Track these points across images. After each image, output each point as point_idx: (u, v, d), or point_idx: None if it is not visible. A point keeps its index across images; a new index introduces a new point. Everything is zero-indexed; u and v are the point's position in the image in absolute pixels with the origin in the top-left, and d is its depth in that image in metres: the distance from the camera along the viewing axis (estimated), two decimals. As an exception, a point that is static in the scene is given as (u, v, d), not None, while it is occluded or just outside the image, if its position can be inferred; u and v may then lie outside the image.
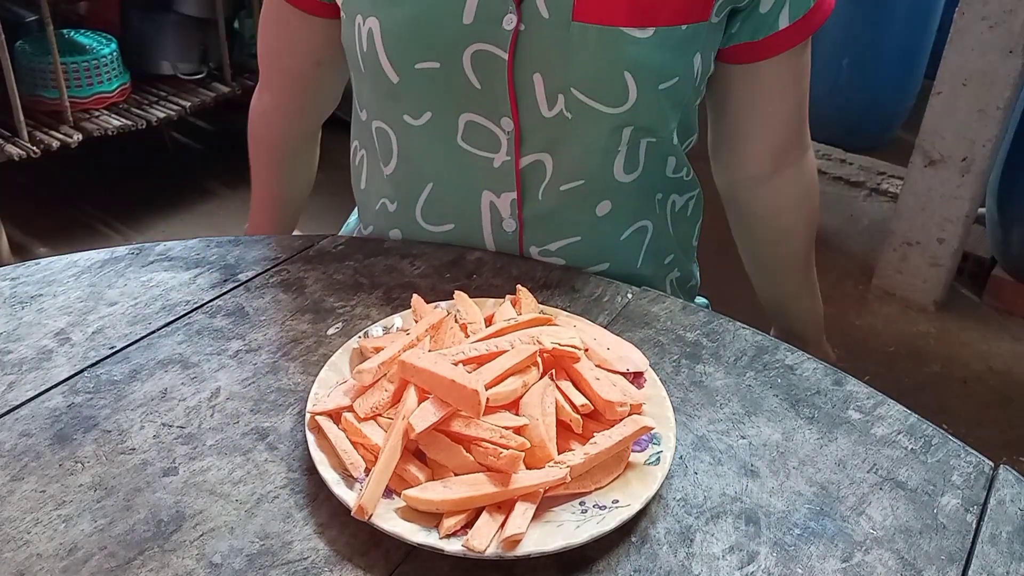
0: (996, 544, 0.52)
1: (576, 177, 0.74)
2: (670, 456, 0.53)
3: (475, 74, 0.69)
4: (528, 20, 0.67)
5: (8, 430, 0.55)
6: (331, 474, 0.50)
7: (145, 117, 2.11)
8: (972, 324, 2.06)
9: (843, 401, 0.63)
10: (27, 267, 0.71)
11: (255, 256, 0.75)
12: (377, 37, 0.69)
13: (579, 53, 0.67)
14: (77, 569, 0.46)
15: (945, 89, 1.90)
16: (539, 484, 0.49)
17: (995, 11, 1.79)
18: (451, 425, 0.51)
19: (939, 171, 1.98)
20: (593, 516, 0.49)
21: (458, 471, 0.50)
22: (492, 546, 0.47)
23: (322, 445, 0.52)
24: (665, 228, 0.83)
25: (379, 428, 0.53)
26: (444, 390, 0.51)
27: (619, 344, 0.61)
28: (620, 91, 0.68)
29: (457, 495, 0.49)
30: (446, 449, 0.50)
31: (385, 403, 0.54)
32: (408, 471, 0.50)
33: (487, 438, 0.50)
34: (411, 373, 0.52)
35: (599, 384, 0.54)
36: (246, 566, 0.47)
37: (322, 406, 0.54)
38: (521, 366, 0.54)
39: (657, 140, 0.75)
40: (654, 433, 0.55)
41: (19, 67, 1.97)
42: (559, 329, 0.59)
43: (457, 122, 0.72)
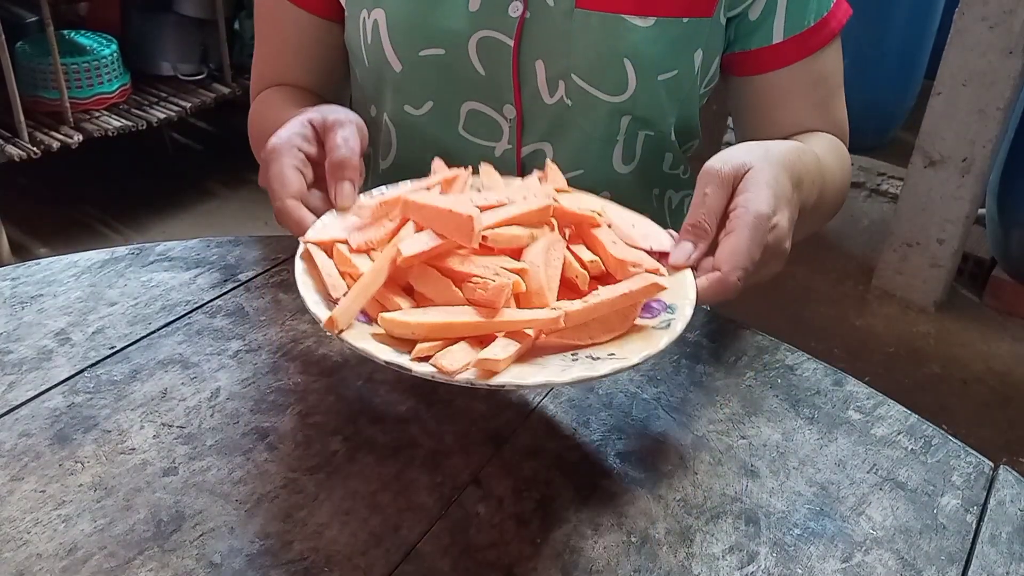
0: (996, 544, 0.52)
1: (576, 166, 0.74)
2: (681, 326, 0.47)
3: (480, 61, 0.70)
4: (534, 7, 0.68)
5: (8, 430, 0.55)
6: (312, 295, 0.47)
7: (145, 118, 2.11)
8: (972, 325, 2.06)
9: (843, 401, 0.63)
10: (27, 267, 0.71)
11: (255, 256, 0.75)
12: (383, 27, 0.70)
13: (581, 39, 0.68)
14: (77, 569, 0.46)
15: (945, 90, 1.90)
16: (527, 322, 0.45)
17: (995, 11, 1.79)
18: (445, 261, 0.47)
19: (939, 172, 1.98)
20: (583, 363, 0.45)
21: (444, 303, 0.46)
22: (466, 372, 0.43)
23: (311, 273, 0.49)
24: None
25: (371, 261, 0.49)
26: (441, 221, 0.47)
27: (645, 223, 0.56)
28: (619, 79, 0.69)
29: (435, 319, 0.44)
30: (435, 282, 0.46)
31: (381, 239, 0.50)
32: (391, 299, 0.47)
33: (479, 274, 0.46)
34: (411, 210, 0.49)
35: (615, 247, 0.50)
36: (246, 566, 0.47)
37: (317, 236, 0.51)
38: (532, 217, 0.50)
39: (655, 134, 0.75)
40: (669, 303, 0.49)
41: (19, 68, 1.97)
42: (584, 196, 0.56)
43: (459, 111, 0.73)
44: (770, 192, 0.53)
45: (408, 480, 0.53)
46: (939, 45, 1.98)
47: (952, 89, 1.89)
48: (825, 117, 0.77)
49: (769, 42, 0.73)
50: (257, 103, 0.82)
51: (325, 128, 0.57)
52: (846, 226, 2.40)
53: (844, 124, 0.79)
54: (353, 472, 0.53)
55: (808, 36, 0.73)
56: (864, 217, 2.46)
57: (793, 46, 0.73)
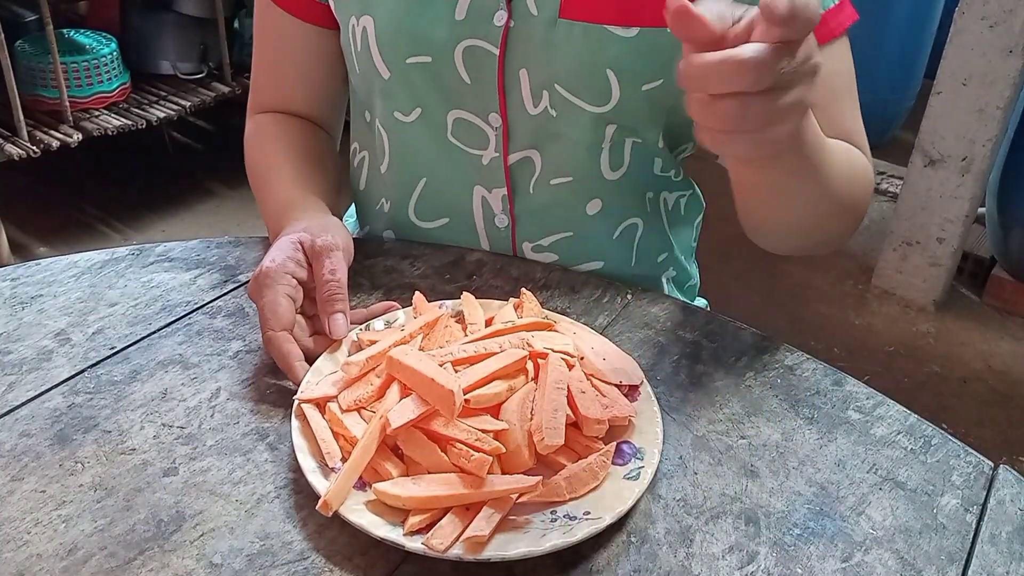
0: (996, 544, 0.53)
1: (564, 173, 0.74)
2: (650, 473, 0.52)
3: (466, 70, 0.70)
4: (518, 16, 0.68)
5: (8, 430, 0.55)
6: (309, 461, 0.51)
7: (145, 117, 2.11)
8: (972, 324, 2.06)
9: (843, 401, 0.63)
10: (27, 267, 0.71)
11: (255, 257, 0.75)
12: (371, 34, 0.70)
13: (564, 50, 0.68)
14: (77, 569, 0.46)
15: (945, 89, 1.90)
16: (509, 490, 0.49)
17: (995, 11, 1.79)
18: (430, 424, 0.51)
19: (939, 171, 1.98)
20: (561, 526, 0.49)
21: (432, 470, 0.50)
22: (454, 547, 0.47)
23: (305, 433, 0.53)
24: (658, 226, 0.83)
25: (361, 420, 0.53)
26: (424, 388, 0.51)
27: (617, 356, 0.60)
28: (603, 89, 0.69)
29: (424, 493, 0.49)
30: (422, 447, 0.50)
31: (369, 397, 0.54)
32: (383, 465, 0.51)
33: (462, 439, 0.50)
34: (396, 369, 0.53)
35: (583, 398, 0.54)
36: (246, 566, 0.47)
37: (309, 394, 0.55)
38: (509, 370, 0.54)
39: (642, 141, 0.75)
40: (639, 447, 0.54)
41: (19, 67, 1.97)
42: (555, 335, 0.59)
43: (446, 119, 0.73)
44: None
45: (408, 480, 0.53)
46: (939, 44, 1.98)
47: (952, 88, 1.89)
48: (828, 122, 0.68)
49: None
50: (255, 136, 0.81)
51: (313, 253, 0.61)
52: (846, 225, 2.40)
53: (855, 134, 0.71)
54: (353, 472, 0.53)
55: None
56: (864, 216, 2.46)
57: None
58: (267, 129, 0.80)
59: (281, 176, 0.75)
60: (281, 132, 0.79)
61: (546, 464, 0.53)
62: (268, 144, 0.79)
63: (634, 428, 0.55)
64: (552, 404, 0.52)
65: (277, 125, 0.80)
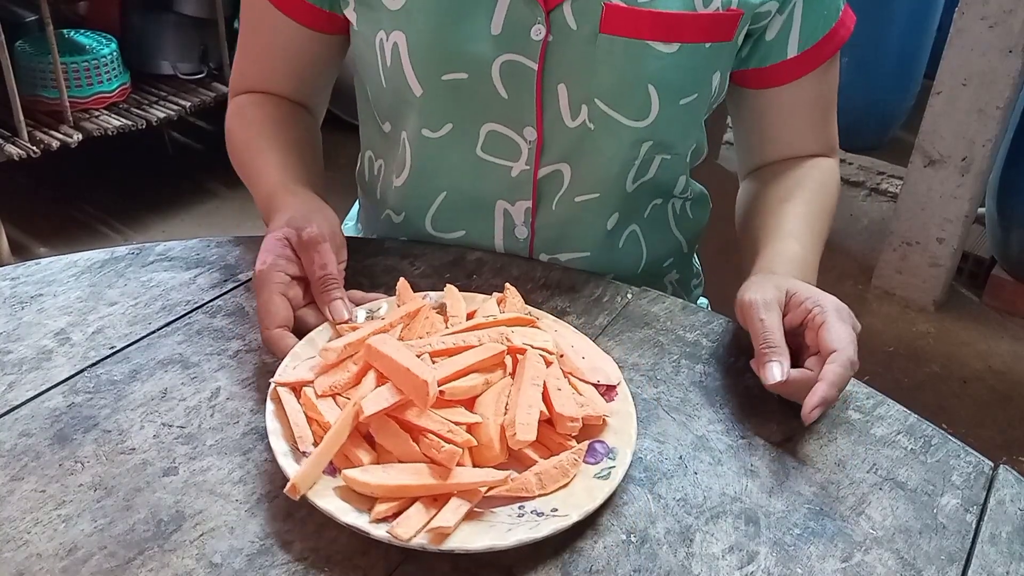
0: (996, 544, 0.53)
1: (592, 190, 0.74)
2: (620, 473, 0.52)
3: (503, 84, 0.69)
4: (556, 31, 0.67)
5: (8, 430, 0.55)
6: (281, 444, 0.51)
7: (145, 117, 2.11)
8: (972, 324, 2.06)
9: (842, 401, 0.63)
10: (27, 267, 0.71)
11: (255, 256, 0.74)
12: (403, 51, 0.69)
13: (604, 64, 0.67)
14: (77, 569, 0.46)
15: (945, 89, 1.90)
16: (478, 483, 0.49)
17: (995, 11, 1.79)
18: (403, 413, 0.51)
19: (939, 171, 1.98)
20: (528, 521, 0.49)
21: (403, 459, 0.50)
22: (419, 537, 0.47)
23: (279, 416, 0.53)
24: (665, 232, 0.83)
25: (336, 407, 0.53)
26: (400, 377, 0.51)
27: (597, 354, 0.60)
28: (643, 104, 0.69)
29: (393, 481, 0.49)
30: (394, 436, 0.51)
31: (345, 383, 0.54)
32: (354, 452, 0.51)
33: (434, 430, 0.50)
34: (373, 357, 0.53)
35: (559, 395, 0.54)
36: (246, 566, 0.47)
37: (286, 378, 0.55)
38: (486, 364, 0.54)
39: (671, 157, 0.75)
40: (612, 447, 0.54)
41: (19, 67, 1.97)
42: (535, 332, 0.59)
43: (479, 132, 0.72)
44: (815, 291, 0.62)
45: (408, 480, 0.53)
46: (939, 44, 1.98)
47: (952, 88, 1.89)
48: (819, 136, 0.80)
49: (784, 56, 0.74)
50: (236, 115, 0.79)
51: (301, 248, 0.62)
52: (846, 225, 2.40)
53: (835, 139, 0.82)
54: (353, 472, 0.53)
55: (818, 48, 0.74)
56: (864, 216, 2.46)
57: (805, 59, 0.74)
58: (250, 112, 0.78)
59: (266, 161, 0.73)
60: (265, 116, 0.77)
61: (517, 459, 0.53)
62: (252, 128, 0.77)
63: (609, 428, 0.55)
64: (527, 400, 0.53)
65: (261, 108, 0.78)
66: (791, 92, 0.76)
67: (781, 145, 0.80)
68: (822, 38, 0.73)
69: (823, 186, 0.78)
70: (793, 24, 0.72)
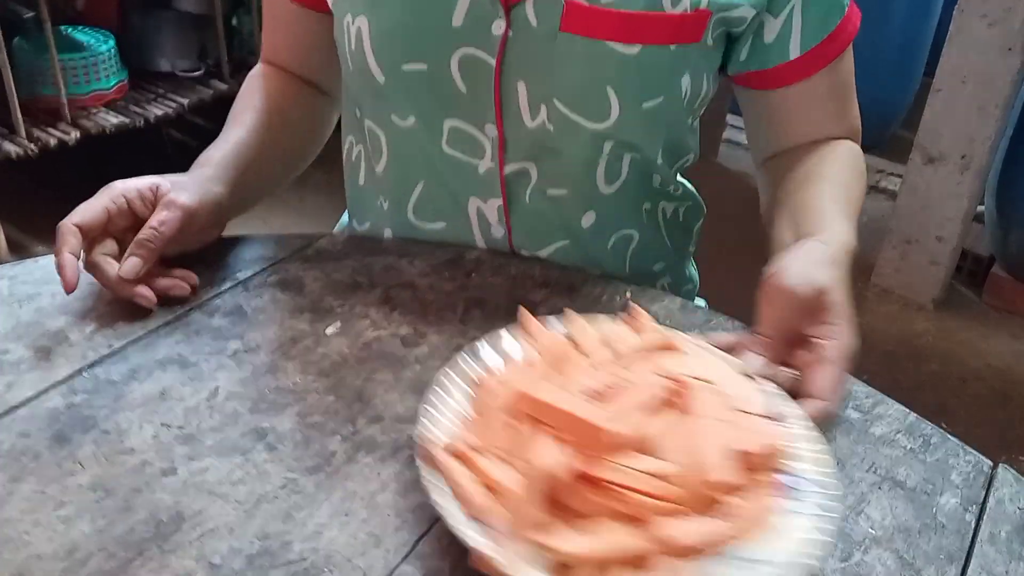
0: (995, 543, 0.53)
1: (560, 185, 0.74)
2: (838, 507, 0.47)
3: (462, 78, 0.69)
4: (517, 27, 0.66)
5: (7, 430, 0.55)
6: (456, 513, 0.46)
7: (143, 115, 2.11)
8: (971, 322, 2.06)
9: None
10: (25, 266, 0.71)
11: (253, 255, 0.75)
12: (365, 37, 0.69)
13: (564, 64, 0.67)
14: (76, 570, 0.46)
15: (944, 87, 1.90)
16: (699, 541, 0.44)
17: (994, 9, 1.79)
18: (588, 468, 0.46)
19: (938, 169, 1.98)
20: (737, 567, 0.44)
21: (594, 517, 0.46)
22: None
23: (438, 478, 0.48)
24: (656, 236, 0.82)
25: (502, 464, 0.48)
26: (569, 424, 0.47)
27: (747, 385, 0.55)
28: (602, 106, 0.68)
29: (603, 546, 0.44)
30: (581, 494, 0.46)
31: (508, 439, 0.49)
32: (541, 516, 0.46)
33: (630, 484, 0.45)
34: (535, 408, 0.49)
35: (737, 429, 0.49)
36: (246, 566, 0.47)
37: (437, 436, 0.50)
38: (654, 403, 0.50)
39: (640, 157, 0.74)
40: (801, 475, 0.49)
41: (17, 65, 1.97)
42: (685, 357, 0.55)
43: (442, 127, 0.72)
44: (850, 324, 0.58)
45: (408, 480, 0.53)
46: (938, 42, 1.98)
47: (951, 86, 1.89)
48: (841, 123, 0.77)
49: (787, 58, 0.72)
50: (247, 81, 0.83)
51: (157, 198, 0.66)
52: (845, 223, 2.40)
53: (858, 122, 0.79)
54: (352, 472, 0.53)
55: (824, 48, 0.72)
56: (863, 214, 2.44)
57: (811, 59, 0.72)
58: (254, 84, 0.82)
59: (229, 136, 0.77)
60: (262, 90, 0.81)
61: (705, 503, 0.47)
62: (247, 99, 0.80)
63: (789, 455, 0.50)
64: (714, 437, 0.48)
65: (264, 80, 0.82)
66: (801, 90, 0.74)
67: (799, 136, 0.78)
68: (827, 37, 0.72)
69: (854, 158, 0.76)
70: (793, 26, 0.71)
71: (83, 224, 0.63)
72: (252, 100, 0.80)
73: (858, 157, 0.77)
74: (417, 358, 0.63)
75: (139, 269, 0.63)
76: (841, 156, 0.75)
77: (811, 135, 0.77)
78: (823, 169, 0.73)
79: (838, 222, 0.67)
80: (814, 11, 0.71)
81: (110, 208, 0.64)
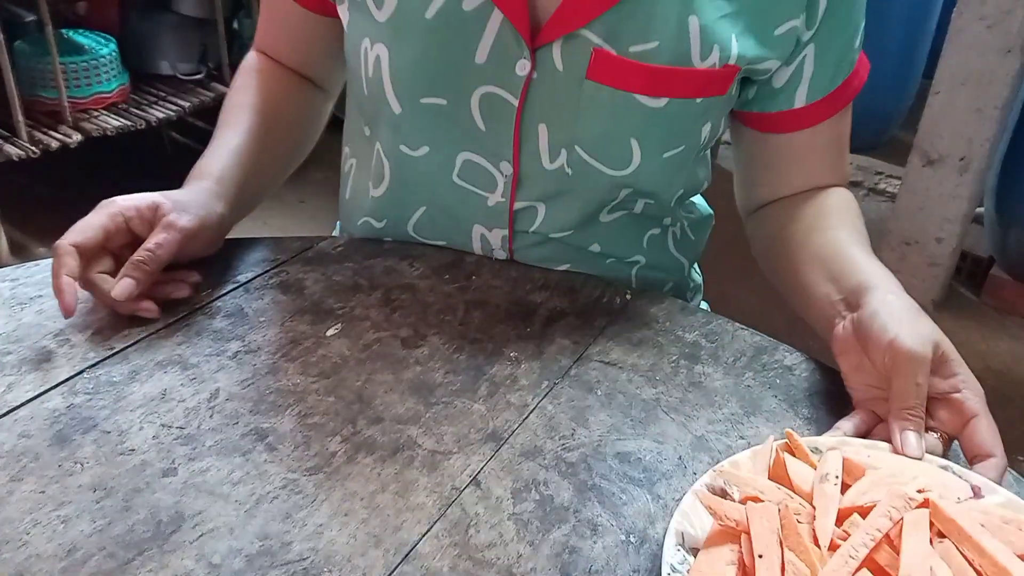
0: (994, 544, 0.52)
1: (565, 228, 0.74)
2: None
3: (481, 116, 0.68)
4: (542, 69, 0.65)
5: (7, 431, 0.55)
6: None
7: (144, 117, 2.11)
8: (970, 323, 2.06)
9: (842, 401, 0.63)
10: (26, 268, 0.71)
11: (254, 257, 0.75)
12: (384, 67, 0.68)
13: (588, 112, 0.66)
14: (76, 570, 0.46)
15: (943, 89, 1.91)
16: None
17: (993, 11, 1.79)
18: None
19: (937, 171, 1.98)
20: None
21: None
22: None
23: None
24: (663, 255, 0.82)
25: None
26: None
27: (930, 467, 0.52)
28: (624, 155, 0.67)
29: None
30: None
31: None
32: None
33: None
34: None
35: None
36: (246, 566, 0.47)
37: None
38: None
39: (655, 202, 0.74)
40: None
41: (18, 67, 1.97)
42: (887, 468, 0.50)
43: (455, 159, 0.71)
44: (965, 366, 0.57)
45: (407, 480, 0.53)
46: (937, 44, 1.98)
47: (950, 88, 1.89)
48: (836, 173, 0.77)
49: (791, 106, 0.71)
50: (240, 74, 0.81)
51: (157, 218, 0.64)
52: (845, 225, 2.40)
53: (849, 172, 0.79)
54: (352, 473, 0.53)
55: (831, 99, 0.71)
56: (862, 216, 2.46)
57: (816, 110, 0.71)
58: (248, 79, 0.80)
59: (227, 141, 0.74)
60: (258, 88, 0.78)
61: None
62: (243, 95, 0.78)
63: None
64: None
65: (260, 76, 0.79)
66: (802, 139, 0.73)
67: (795, 184, 0.76)
68: (835, 90, 0.71)
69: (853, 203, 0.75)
70: (803, 76, 0.69)
71: (80, 244, 0.62)
72: (247, 97, 0.78)
73: (854, 202, 0.76)
74: (417, 359, 0.63)
75: (132, 291, 0.62)
76: (845, 202, 0.75)
77: (807, 184, 0.76)
78: (835, 217, 0.72)
79: (878, 266, 0.65)
80: (826, 63, 0.69)
81: (108, 227, 0.63)
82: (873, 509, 0.46)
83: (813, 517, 0.46)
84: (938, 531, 0.45)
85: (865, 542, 0.44)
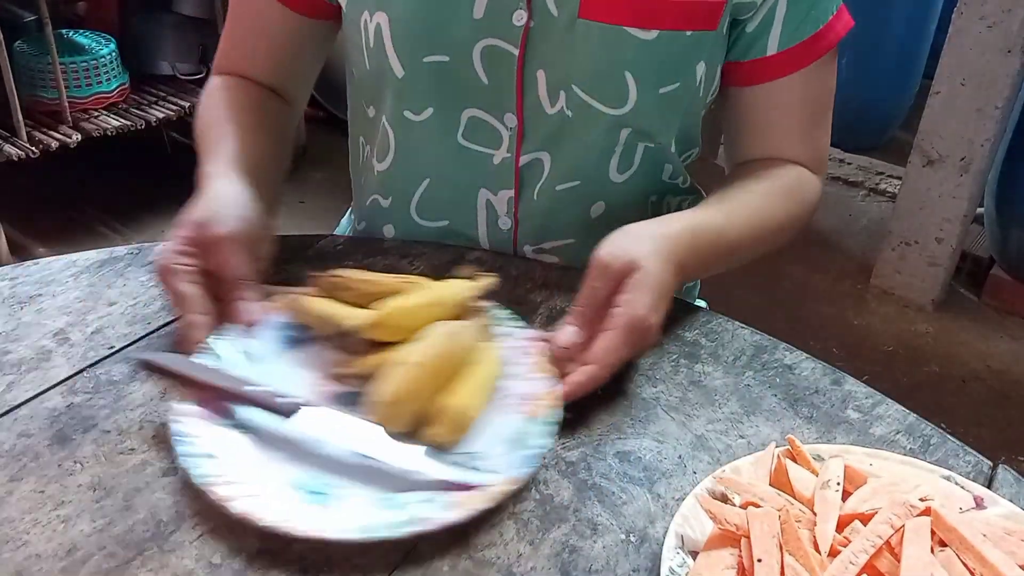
0: (994, 543, 0.52)
1: (572, 177, 0.74)
2: None
3: (483, 69, 0.69)
4: (537, 16, 0.67)
5: (7, 430, 0.55)
6: None
7: (144, 117, 2.11)
8: (970, 323, 2.06)
9: (841, 400, 0.63)
10: (26, 267, 0.71)
11: (254, 256, 0.74)
12: (385, 31, 0.70)
13: (582, 50, 0.67)
14: (76, 569, 0.46)
15: (944, 89, 1.91)
16: None
17: (993, 11, 1.79)
18: None
19: (937, 171, 1.98)
20: None
21: None
22: None
23: None
24: None
25: None
26: None
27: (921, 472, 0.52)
28: (620, 91, 0.69)
29: None
30: None
31: None
32: None
33: None
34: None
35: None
36: (246, 566, 0.47)
37: None
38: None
39: (655, 146, 0.75)
40: None
41: (18, 67, 1.97)
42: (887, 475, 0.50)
43: (460, 118, 0.72)
44: (651, 295, 0.58)
45: (407, 480, 0.53)
46: (938, 44, 1.98)
47: (951, 88, 1.89)
48: (807, 142, 0.77)
49: (764, 54, 0.72)
50: (208, 95, 0.79)
51: (205, 245, 0.60)
52: (844, 225, 2.41)
53: (824, 150, 0.80)
54: (352, 472, 0.53)
55: (803, 48, 0.72)
56: (863, 216, 2.47)
57: (787, 58, 0.72)
58: (219, 95, 0.78)
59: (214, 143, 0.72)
60: (231, 99, 0.77)
61: None
62: (216, 109, 0.76)
63: None
64: None
65: (231, 91, 0.78)
66: (775, 90, 0.74)
67: (764, 145, 0.77)
68: (808, 38, 0.72)
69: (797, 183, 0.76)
70: (774, 20, 0.71)
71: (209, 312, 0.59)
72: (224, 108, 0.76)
73: (806, 184, 0.76)
74: (417, 358, 0.63)
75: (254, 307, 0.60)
76: (786, 175, 0.75)
77: (777, 146, 0.76)
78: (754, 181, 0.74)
79: (711, 212, 0.69)
80: (799, 7, 0.71)
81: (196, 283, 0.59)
82: (874, 516, 0.46)
83: (814, 523, 0.47)
84: (939, 540, 0.45)
85: (866, 548, 0.44)
